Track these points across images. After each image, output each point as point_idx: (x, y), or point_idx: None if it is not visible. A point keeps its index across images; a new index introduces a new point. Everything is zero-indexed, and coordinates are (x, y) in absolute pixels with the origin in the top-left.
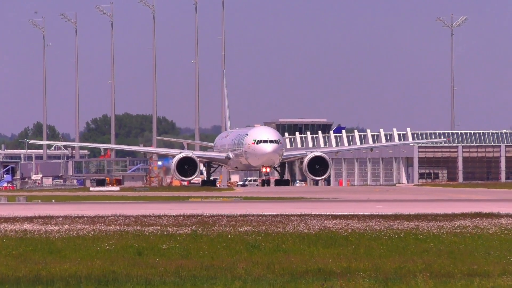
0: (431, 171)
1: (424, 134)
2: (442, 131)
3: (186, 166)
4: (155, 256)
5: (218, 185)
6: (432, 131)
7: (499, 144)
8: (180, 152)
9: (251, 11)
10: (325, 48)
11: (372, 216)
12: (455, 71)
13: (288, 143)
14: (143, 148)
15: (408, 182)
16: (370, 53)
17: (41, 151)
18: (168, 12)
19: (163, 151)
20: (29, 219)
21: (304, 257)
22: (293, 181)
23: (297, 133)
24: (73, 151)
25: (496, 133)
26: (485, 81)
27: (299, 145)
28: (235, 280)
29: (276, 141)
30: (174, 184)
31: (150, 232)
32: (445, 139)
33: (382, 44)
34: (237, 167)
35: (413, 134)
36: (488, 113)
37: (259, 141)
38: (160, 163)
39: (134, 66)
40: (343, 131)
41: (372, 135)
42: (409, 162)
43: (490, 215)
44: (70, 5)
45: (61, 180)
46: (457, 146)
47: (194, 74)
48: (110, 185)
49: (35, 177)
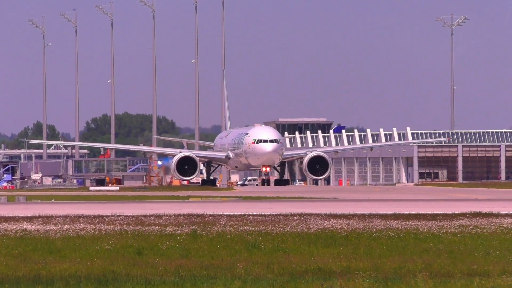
0: (431, 171)
1: (424, 134)
2: (442, 131)
3: (186, 166)
4: (155, 256)
5: (218, 184)
6: (432, 131)
7: (499, 144)
8: (180, 152)
9: (251, 11)
10: (325, 47)
11: (371, 216)
12: (455, 70)
13: (288, 143)
14: (143, 148)
15: (408, 182)
16: (370, 52)
17: (41, 151)
18: (168, 12)
19: (163, 150)
20: (29, 219)
21: (304, 256)
22: (292, 181)
23: (297, 133)
24: (73, 151)
25: (496, 132)
26: (485, 81)
27: (299, 145)
28: (234, 280)
29: (276, 141)
30: (174, 183)
31: (150, 232)
32: (445, 139)
33: (382, 43)
34: (237, 167)
35: (413, 133)
36: (488, 113)
37: (259, 141)
38: (160, 162)
39: (134, 66)
40: (343, 131)
41: (372, 135)
42: (409, 161)
43: (490, 215)
44: (70, 5)
45: (61, 180)
46: (457, 145)
47: (194, 74)
48: (110, 184)
49: (35, 176)
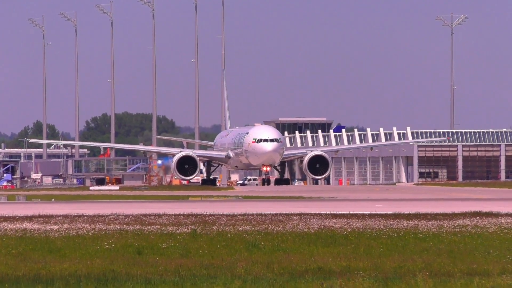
0: (431, 170)
1: (424, 133)
2: (442, 130)
3: (186, 165)
4: (155, 255)
5: (218, 184)
6: (432, 130)
7: (499, 143)
8: (180, 151)
9: (251, 10)
10: (325, 47)
11: (371, 215)
12: (455, 70)
13: (288, 142)
14: (143, 147)
15: (407, 181)
16: (370, 52)
17: (41, 150)
18: (168, 11)
19: (163, 150)
20: (29, 218)
21: (304, 256)
22: (292, 180)
23: (297, 132)
24: (73, 150)
25: (496, 132)
26: (485, 81)
27: (298, 144)
28: (234, 279)
29: (276, 140)
30: (174, 183)
31: (150, 231)
32: (445, 138)
33: (382, 43)
34: (237, 166)
35: (413, 133)
36: (488, 113)
37: (260, 140)
38: (159, 162)
39: (134, 65)
40: (343, 130)
41: (372, 134)
42: (408, 161)
43: (490, 214)
44: (70, 4)
45: (61, 179)
46: (457, 145)
47: (194, 73)
48: (110, 184)
49: (34, 176)
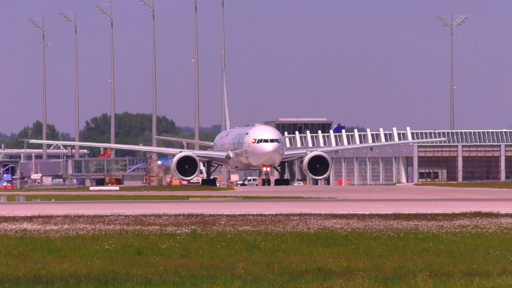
0: (431, 171)
1: (424, 134)
2: (442, 131)
3: (186, 166)
4: (155, 256)
5: (218, 184)
6: (432, 131)
7: (499, 144)
8: (180, 152)
9: (251, 11)
10: (325, 47)
11: (371, 216)
12: (455, 70)
13: (287, 143)
14: (143, 148)
15: (407, 182)
16: (370, 52)
17: (40, 151)
18: (168, 12)
19: (163, 150)
20: (29, 219)
21: (304, 256)
22: (292, 181)
23: (297, 133)
24: (73, 151)
25: (496, 132)
26: (485, 81)
27: (298, 145)
28: (234, 280)
29: (276, 140)
30: (174, 183)
31: (150, 232)
32: (444, 139)
33: (382, 43)
34: (237, 167)
35: (412, 133)
36: (488, 113)
37: (260, 140)
38: (159, 162)
39: (134, 66)
40: (343, 131)
41: (372, 135)
42: (408, 161)
43: (490, 215)
44: (70, 5)
45: (61, 180)
46: (457, 145)
47: (194, 74)
48: (110, 184)
49: (34, 176)
